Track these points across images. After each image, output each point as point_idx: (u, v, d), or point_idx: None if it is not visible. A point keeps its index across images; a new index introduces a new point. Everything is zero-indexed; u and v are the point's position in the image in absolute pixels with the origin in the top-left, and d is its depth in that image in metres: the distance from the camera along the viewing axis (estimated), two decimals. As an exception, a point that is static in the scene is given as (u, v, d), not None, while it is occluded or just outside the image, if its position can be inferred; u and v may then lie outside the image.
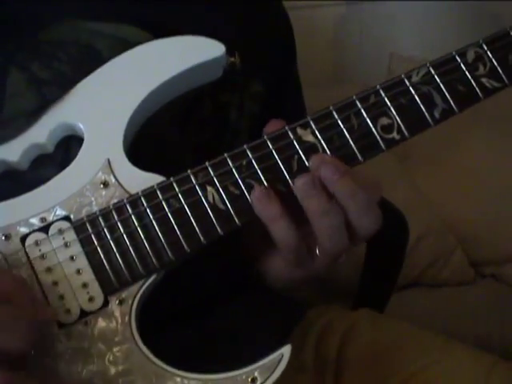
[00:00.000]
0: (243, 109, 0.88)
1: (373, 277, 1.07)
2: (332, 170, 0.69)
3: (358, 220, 0.70)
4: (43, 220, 0.70)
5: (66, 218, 0.70)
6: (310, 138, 0.72)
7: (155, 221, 0.70)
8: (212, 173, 0.71)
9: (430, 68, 0.74)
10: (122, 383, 0.67)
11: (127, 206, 0.70)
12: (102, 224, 0.69)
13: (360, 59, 1.85)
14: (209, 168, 0.71)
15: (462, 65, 0.74)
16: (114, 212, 0.70)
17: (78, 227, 0.69)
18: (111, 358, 0.67)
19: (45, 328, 0.67)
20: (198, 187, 0.70)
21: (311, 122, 0.72)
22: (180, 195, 0.70)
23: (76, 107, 0.73)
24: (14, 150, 0.72)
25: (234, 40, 0.76)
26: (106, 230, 0.69)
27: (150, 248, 0.69)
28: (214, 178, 0.70)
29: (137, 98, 0.73)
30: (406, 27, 1.85)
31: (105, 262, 0.69)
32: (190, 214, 0.70)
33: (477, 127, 1.67)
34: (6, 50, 0.75)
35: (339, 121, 0.72)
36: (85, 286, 0.68)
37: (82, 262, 0.69)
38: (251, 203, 0.70)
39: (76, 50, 0.77)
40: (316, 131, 0.72)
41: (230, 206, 0.70)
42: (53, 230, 0.69)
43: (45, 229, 0.69)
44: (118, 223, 0.69)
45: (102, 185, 0.71)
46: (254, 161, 0.71)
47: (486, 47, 0.74)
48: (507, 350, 1.38)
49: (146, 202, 0.70)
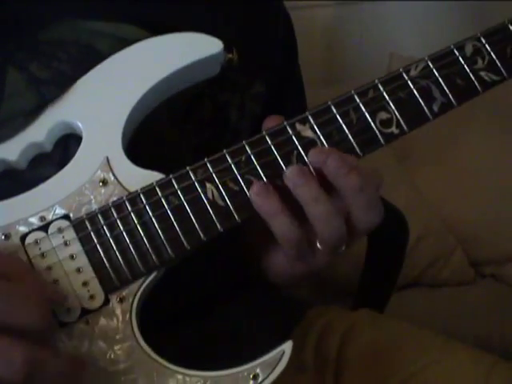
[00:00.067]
0: (244, 109, 0.88)
1: (373, 277, 1.06)
2: (339, 163, 0.69)
3: (362, 214, 0.70)
4: (42, 219, 0.69)
5: (66, 217, 0.69)
6: (308, 133, 0.72)
7: (155, 218, 0.69)
8: (211, 169, 0.70)
9: (429, 62, 0.74)
10: (123, 381, 0.67)
11: (126, 203, 0.70)
12: (102, 222, 0.69)
13: (360, 59, 1.85)
14: (208, 164, 0.71)
15: (460, 58, 0.74)
16: (113, 210, 0.69)
17: (78, 225, 0.69)
18: (112, 356, 0.67)
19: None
20: (197, 184, 0.70)
21: (310, 117, 0.72)
22: (179, 192, 0.70)
23: (74, 105, 0.73)
24: (13, 149, 0.72)
25: (234, 40, 0.76)
26: (105, 227, 0.69)
27: (150, 245, 0.69)
28: (213, 175, 0.70)
29: (135, 95, 0.73)
30: (406, 27, 1.86)
31: (105, 259, 0.69)
32: (189, 210, 0.70)
33: (477, 128, 1.68)
34: (5, 49, 0.75)
35: (338, 115, 0.72)
36: (85, 284, 0.68)
37: (82, 260, 0.68)
38: (250, 199, 0.70)
39: (76, 49, 0.77)
40: (315, 126, 0.72)
41: (229, 203, 0.70)
42: (52, 228, 0.69)
43: (44, 228, 0.69)
44: (118, 221, 0.69)
45: (100, 183, 0.71)
46: (252, 156, 0.71)
47: (484, 40, 0.74)
48: (507, 350, 1.38)
49: (146, 199, 0.70)
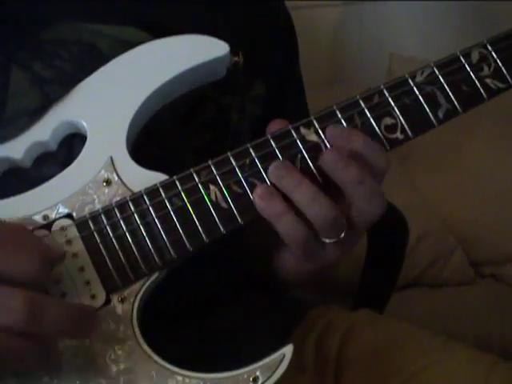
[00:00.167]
0: (244, 111, 0.88)
1: (373, 277, 1.07)
2: (336, 157, 0.69)
3: (364, 205, 0.70)
4: (46, 217, 0.69)
5: (69, 216, 0.70)
6: (313, 137, 0.72)
7: (157, 219, 0.69)
8: (215, 171, 0.70)
9: (435, 68, 0.74)
10: (123, 381, 0.67)
11: (130, 203, 0.70)
12: (105, 221, 0.69)
13: (360, 59, 1.85)
14: (212, 166, 0.71)
15: (466, 65, 0.74)
16: (116, 210, 0.69)
17: (81, 224, 0.69)
18: (113, 355, 0.67)
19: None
20: (200, 186, 0.70)
21: (314, 121, 0.72)
22: (183, 193, 0.70)
23: (79, 105, 0.73)
24: (18, 148, 0.72)
25: (234, 40, 0.76)
26: (108, 227, 0.69)
27: (153, 246, 0.69)
28: (217, 177, 0.70)
29: (140, 96, 0.73)
30: (406, 27, 1.85)
31: (107, 259, 0.69)
32: (192, 212, 0.70)
33: (477, 128, 1.68)
34: (6, 49, 0.75)
35: (343, 120, 0.72)
36: (87, 283, 0.68)
37: (85, 259, 0.68)
38: (254, 202, 0.70)
39: (78, 48, 0.76)
40: (319, 130, 0.72)
41: (232, 205, 0.70)
42: (55, 227, 0.69)
43: (47, 226, 0.69)
44: (121, 221, 0.69)
45: (104, 183, 0.71)
46: (256, 159, 0.71)
47: (490, 48, 0.74)
48: (507, 350, 1.38)
49: (149, 199, 0.70)
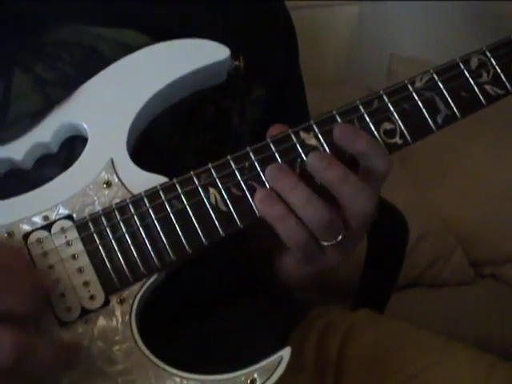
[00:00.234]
0: (245, 114, 0.88)
1: (373, 277, 1.07)
2: (317, 158, 0.70)
3: (351, 204, 0.70)
4: (46, 218, 0.70)
5: (69, 217, 0.70)
6: (312, 141, 0.72)
7: (157, 221, 0.70)
8: (215, 174, 0.71)
9: (434, 74, 0.74)
10: (121, 382, 0.67)
11: (130, 205, 0.70)
12: (105, 223, 0.70)
13: (360, 59, 1.85)
14: (211, 169, 0.71)
15: (465, 71, 0.74)
16: (116, 211, 0.70)
17: (81, 226, 0.70)
18: (111, 356, 0.68)
19: (45, 323, 0.67)
20: (200, 188, 0.71)
21: (314, 125, 0.72)
22: (182, 196, 0.70)
23: (80, 107, 0.73)
24: (19, 149, 0.72)
25: (234, 42, 0.76)
26: (108, 229, 0.69)
27: (152, 248, 0.69)
28: (217, 180, 0.71)
29: (141, 99, 0.73)
30: (406, 27, 1.85)
31: (106, 260, 0.69)
32: (192, 214, 0.70)
33: (477, 128, 1.67)
34: (9, 51, 0.75)
35: None
36: (86, 284, 0.68)
37: (84, 260, 0.69)
38: (254, 206, 0.70)
39: (79, 51, 0.77)
40: (319, 135, 0.72)
41: (232, 208, 0.70)
42: (55, 228, 0.69)
43: (47, 227, 0.69)
44: (121, 223, 0.70)
45: (104, 184, 0.71)
46: (256, 163, 0.71)
47: (489, 54, 0.75)
48: (507, 350, 1.39)
49: (149, 202, 0.70)
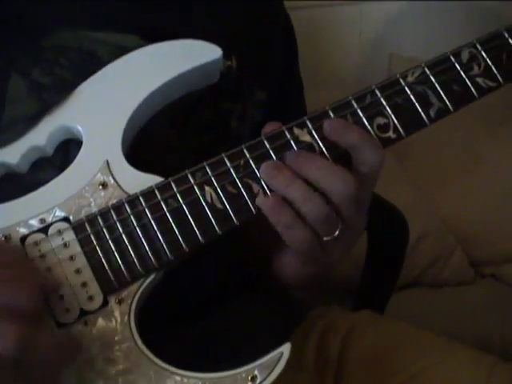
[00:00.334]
0: (245, 117, 0.88)
1: (373, 277, 1.07)
2: (294, 156, 0.71)
3: (333, 192, 0.70)
4: (42, 221, 0.70)
5: (65, 219, 0.70)
6: (306, 137, 0.72)
7: (154, 220, 0.70)
8: (210, 172, 0.71)
9: (425, 68, 0.74)
10: (121, 382, 0.67)
11: (126, 205, 0.70)
12: (101, 224, 0.70)
13: (360, 59, 1.85)
14: (206, 168, 0.71)
15: (456, 65, 0.75)
16: (112, 212, 0.70)
17: (77, 227, 0.70)
18: (111, 357, 0.68)
19: (43, 324, 0.67)
20: (195, 187, 0.71)
21: (308, 121, 0.73)
22: (178, 195, 0.70)
23: (74, 110, 0.74)
24: (14, 153, 0.72)
25: (235, 44, 0.77)
26: (104, 229, 0.70)
27: (149, 247, 0.69)
28: (212, 178, 0.71)
29: (135, 100, 0.73)
30: (406, 27, 1.85)
31: (104, 261, 0.69)
32: (188, 213, 0.70)
33: (477, 128, 1.68)
34: (7, 55, 0.76)
35: None
36: (84, 285, 0.69)
37: (82, 261, 0.69)
38: (265, 213, 0.70)
39: (78, 56, 0.77)
40: (313, 131, 0.72)
41: (228, 206, 0.71)
42: (52, 230, 0.70)
43: (44, 230, 0.70)
44: (117, 223, 0.70)
45: (100, 186, 0.71)
46: (251, 160, 0.72)
47: (480, 47, 0.75)
48: (507, 351, 1.38)
49: (145, 201, 0.70)
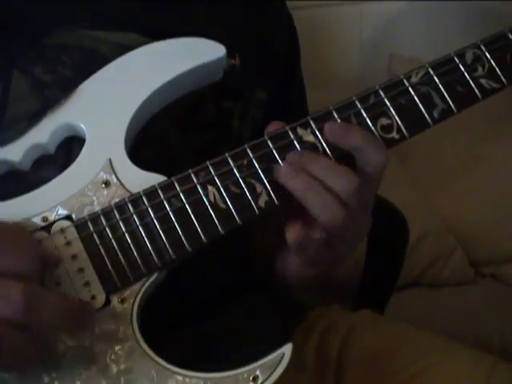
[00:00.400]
0: (246, 116, 0.88)
1: (373, 277, 1.07)
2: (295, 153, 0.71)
3: (334, 182, 0.70)
4: (45, 219, 0.70)
5: (68, 218, 0.70)
6: (310, 137, 0.72)
7: (156, 220, 0.70)
8: (213, 172, 0.71)
9: (429, 69, 0.74)
10: (123, 381, 0.67)
11: (129, 204, 0.70)
12: (104, 223, 0.70)
13: (360, 59, 1.85)
14: (210, 167, 0.71)
15: (460, 66, 0.75)
16: (115, 211, 0.70)
17: (80, 226, 0.70)
18: (113, 356, 0.68)
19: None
20: (199, 186, 0.71)
21: (311, 121, 0.73)
22: (181, 194, 0.70)
23: (77, 108, 0.74)
24: (16, 150, 0.72)
25: (236, 44, 0.77)
26: (107, 228, 0.70)
27: (152, 247, 0.69)
28: (215, 178, 0.71)
29: (138, 98, 0.73)
30: (406, 27, 1.85)
31: (106, 260, 0.69)
32: (191, 213, 0.70)
33: (477, 128, 1.68)
34: (9, 53, 0.76)
35: (339, 121, 0.73)
36: (87, 284, 0.68)
37: (84, 260, 0.69)
38: (282, 182, 0.70)
39: (80, 54, 0.77)
40: (316, 131, 0.72)
41: (230, 205, 0.71)
42: (55, 229, 0.69)
43: (47, 228, 0.69)
44: (120, 222, 0.70)
45: (103, 184, 0.71)
46: (254, 160, 0.72)
47: (484, 48, 0.75)
48: (507, 351, 1.38)
49: (148, 201, 0.70)
